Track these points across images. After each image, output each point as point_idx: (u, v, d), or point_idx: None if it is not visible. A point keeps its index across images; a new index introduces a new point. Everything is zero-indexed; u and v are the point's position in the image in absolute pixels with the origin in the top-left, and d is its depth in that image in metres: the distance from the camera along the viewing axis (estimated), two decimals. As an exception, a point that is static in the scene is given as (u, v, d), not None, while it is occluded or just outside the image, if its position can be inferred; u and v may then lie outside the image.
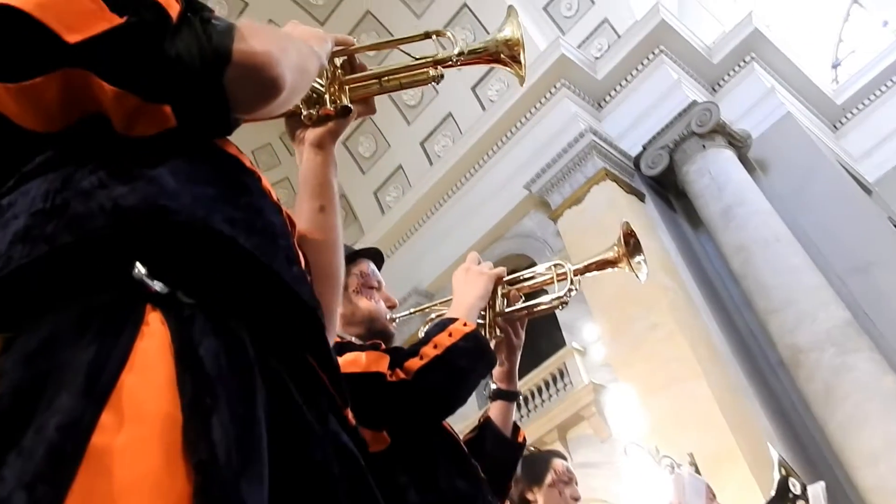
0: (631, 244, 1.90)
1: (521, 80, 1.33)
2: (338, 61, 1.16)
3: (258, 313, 0.74)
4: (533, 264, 10.32)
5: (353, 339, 1.63)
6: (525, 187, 10.97)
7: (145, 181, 0.73)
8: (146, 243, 0.68)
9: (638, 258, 1.89)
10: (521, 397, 1.82)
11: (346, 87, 1.16)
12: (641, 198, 10.29)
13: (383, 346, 1.57)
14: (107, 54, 0.74)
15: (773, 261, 8.82)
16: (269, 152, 13.84)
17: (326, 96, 1.13)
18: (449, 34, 1.24)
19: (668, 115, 10.16)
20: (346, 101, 1.13)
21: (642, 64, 10.66)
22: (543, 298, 1.85)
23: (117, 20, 0.75)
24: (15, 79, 0.74)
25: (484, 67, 12.10)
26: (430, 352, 1.48)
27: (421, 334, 1.74)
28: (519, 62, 1.30)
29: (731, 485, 7.37)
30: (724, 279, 9.79)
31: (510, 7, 1.38)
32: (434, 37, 1.26)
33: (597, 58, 11.04)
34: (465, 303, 1.68)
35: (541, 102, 11.17)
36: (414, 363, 1.45)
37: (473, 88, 12.21)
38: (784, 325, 8.60)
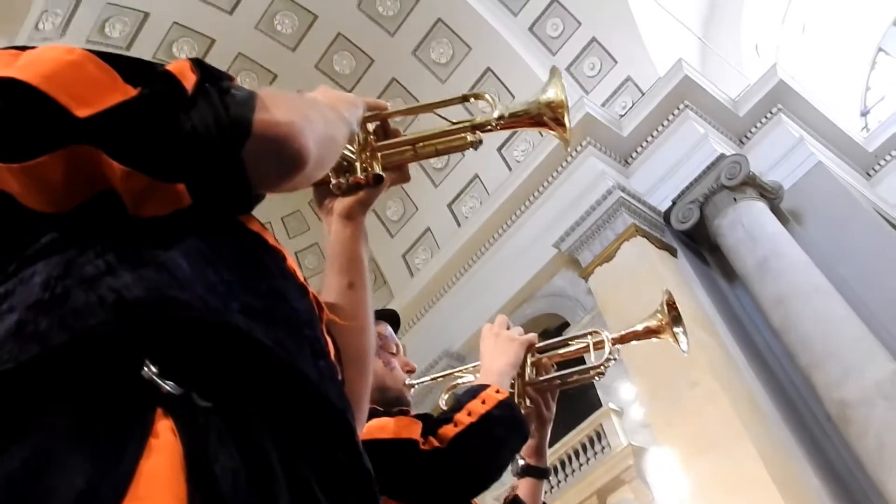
0: (673, 313, 1.80)
1: (566, 143, 1.25)
2: (370, 127, 1.10)
3: (282, 415, 0.66)
4: (565, 324, 10.21)
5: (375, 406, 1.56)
6: (554, 246, 10.89)
7: (154, 267, 0.66)
8: (154, 340, 0.61)
9: (679, 329, 1.78)
10: (557, 462, 1.69)
11: (379, 154, 1.09)
12: (673, 253, 10.15)
13: (411, 411, 1.49)
14: (115, 130, 0.68)
15: (814, 312, 8.56)
16: (298, 218, 13.97)
17: (357, 164, 1.07)
18: (488, 96, 1.19)
19: (696, 169, 10.09)
20: (378, 169, 1.07)
21: (668, 119, 10.66)
22: (578, 368, 1.75)
23: (131, 91, 0.70)
24: (18, 158, 0.68)
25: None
26: (464, 419, 1.39)
27: (442, 401, 1.65)
28: (563, 125, 1.22)
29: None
30: (763, 333, 9.52)
31: (554, 68, 1.31)
32: (472, 100, 1.20)
33: (621, 115, 11.08)
34: (495, 370, 1.59)
35: (567, 161, 11.19)
36: (448, 430, 1.37)
37: (499, 150, 12.29)
38: (829, 378, 8.29)
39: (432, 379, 1.87)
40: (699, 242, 10.35)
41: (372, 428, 1.36)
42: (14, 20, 8.46)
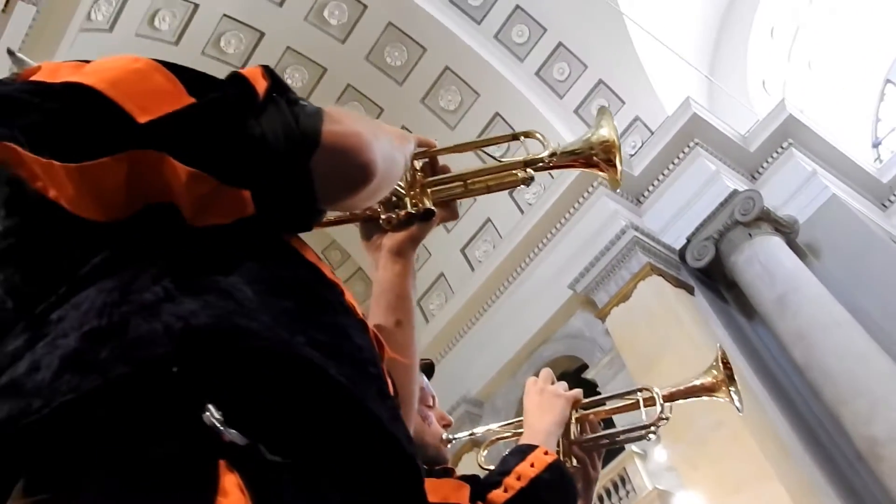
0: (728, 371, 1.73)
1: (616, 184, 1.22)
2: (417, 164, 1.10)
3: (352, 463, 0.62)
4: (584, 366, 10.11)
5: None
6: (569, 287, 10.83)
7: (218, 293, 0.62)
8: (219, 375, 0.57)
9: (734, 387, 1.71)
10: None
11: (429, 190, 1.08)
12: (690, 290, 10.06)
13: (455, 471, 1.44)
14: (183, 132, 0.66)
15: (837, 347, 8.42)
16: (337, 248, 13.92)
17: (407, 199, 1.06)
18: (538, 135, 1.17)
19: (709, 206, 10.06)
20: (429, 205, 1.06)
21: (678, 157, 10.68)
22: (628, 427, 1.67)
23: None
24: (77, 158, 0.66)
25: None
26: (514, 484, 1.33)
27: (481, 458, 1.59)
28: (614, 166, 1.19)
29: None
30: (786, 370, 9.36)
31: (602, 107, 1.30)
32: (522, 138, 1.18)
33: (632, 155, 11.11)
34: (542, 429, 1.52)
35: (579, 202, 11.20)
36: (498, 496, 1.31)
37: (510, 193, 12.33)
38: (857, 415, 8.10)
39: (470, 434, 1.80)
40: (716, 279, 10.26)
41: None
42: (66, 14, 8.57)
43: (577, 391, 1.64)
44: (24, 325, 0.64)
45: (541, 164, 1.14)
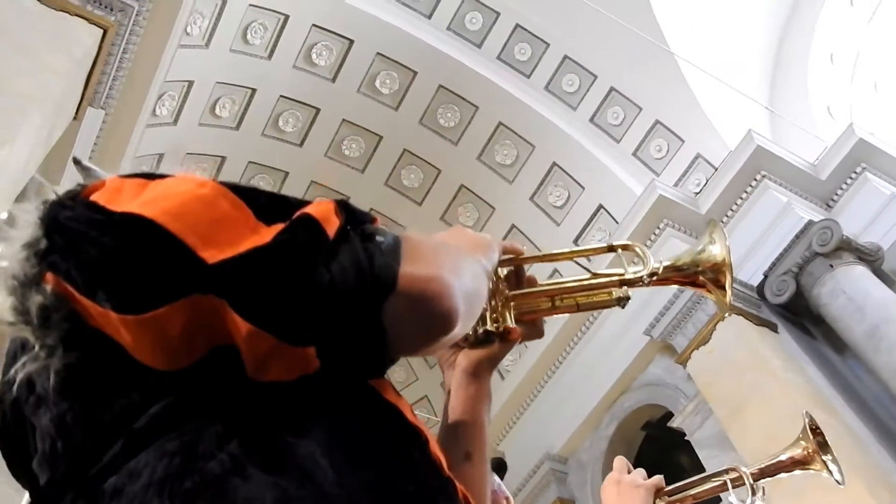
0: (819, 438, 1.61)
1: (725, 308, 1.14)
2: (502, 272, 1.02)
3: None
4: (668, 414, 9.76)
5: None
6: (645, 333, 10.54)
7: (293, 474, 0.56)
8: None
9: (828, 456, 1.59)
10: None
11: (512, 304, 1.00)
12: (774, 328, 9.65)
13: None
14: (245, 282, 0.61)
15: (942, 379, 7.90)
16: (404, 366, 13.96)
17: (487, 314, 0.97)
18: (638, 249, 1.08)
19: (784, 239, 9.71)
20: (510, 321, 0.97)
21: (746, 192, 10.40)
22: None
23: (264, 231, 0.63)
24: (135, 310, 0.61)
25: (584, 217, 12.26)
26: None
27: None
28: (723, 288, 1.09)
29: None
30: (886, 406, 8.81)
31: (712, 220, 1.18)
32: (619, 251, 1.09)
33: (696, 193, 10.88)
34: None
35: (647, 246, 10.96)
36: None
37: (576, 241, 12.21)
38: (973, 450, 7.54)
39: None
40: (800, 315, 9.82)
41: None
42: (133, 113, 9.00)
43: (658, 478, 1.56)
44: (73, 496, 0.60)
45: (640, 284, 1.04)
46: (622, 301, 1.05)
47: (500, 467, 1.70)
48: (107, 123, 8.60)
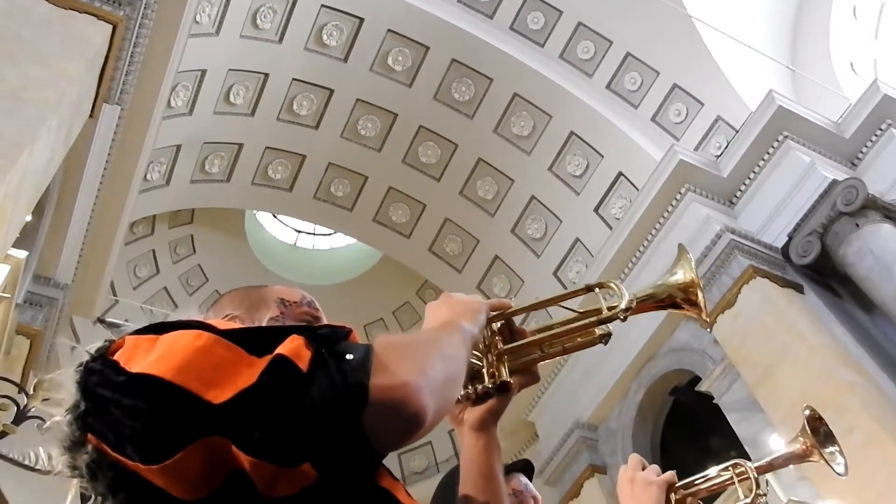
0: (821, 432, 1.65)
1: (705, 323, 1.23)
2: (495, 326, 1.10)
3: None
4: (696, 379, 9.76)
5: None
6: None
7: None
8: None
9: (832, 448, 1.62)
10: None
11: (505, 357, 1.08)
12: (799, 289, 9.58)
13: None
14: (240, 421, 0.72)
15: (973, 335, 7.81)
16: (430, 287, 14.16)
17: (484, 370, 1.06)
18: (612, 285, 1.15)
19: (808, 200, 9.58)
20: (505, 375, 1.05)
21: (768, 153, 10.24)
22: None
23: (258, 363, 0.74)
24: (157, 460, 0.73)
25: (604, 186, 12.17)
26: None
27: None
28: (697, 305, 1.19)
29: None
30: (918, 364, 8.75)
31: (680, 246, 1.29)
32: (597, 290, 1.18)
33: (717, 156, 10.75)
34: None
35: (668, 211, 10.89)
36: None
37: (596, 210, 12.15)
38: None
39: None
40: (826, 275, 9.73)
41: None
42: (124, 181, 9.17)
43: (670, 474, 1.60)
44: None
45: (617, 319, 1.11)
46: (605, 338, 1.13)
47: (526, 468, 1.76)
48: (123, 119, 8.67)
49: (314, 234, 16.67)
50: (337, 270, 16.37)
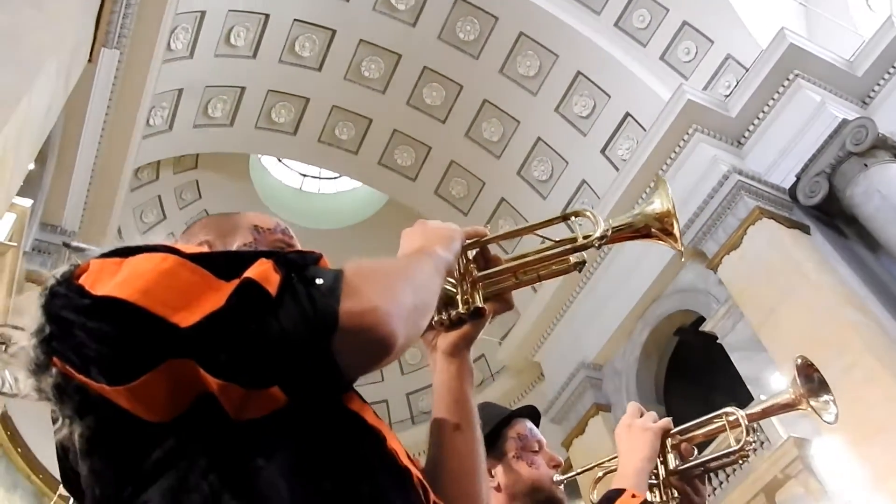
0: (815, 379, 1.67)
1: (680, 253, 1.23)
2: (470, 254, 1.09)
3: None
4: (700, 319, 9.83)
5: None
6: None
7: (255, 497, 0.68)
8: None
9: (825, 397, 1.64)
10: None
11: (479, 285, 1.08)
12: (806, 230, 9.57)
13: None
14: (208, 344, 0.71)
15: (977, 275, 7.82)
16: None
17: (458, 297, 1.06)
18: (589, 213, 1.13)
19: (817, 140, 9.48)
20: (479, 301, 1.05)
21: (778, 92, 10.09)
22: (719, 454, 1.67)
23: (224, 287, 0.73)
24: (122, 381, 0.73)
25: (611, 126, 12.04)
26: None
27: (593, 496, 1.60)
28: (673, 235, 1.17)
29: None
30: (920, 304, 8.79)
31: (659, 177, 1.27)
32: (573, 218, 1.15)
33: (726, 96, 10.59)
34: (631, 468, 1.55)
35: (675, 152, 10.80)
36: None
37: (603, 151, 12.05)
38: None
39: (579, 473, 1.82)
40: (833, 216, 9.70)
41: None
42: (127, 126, 9.12)
43: (666, 421, 1.64)
44: None
45: (591, 247, 1.10)
46: (578, 266, 1.12)
47: (532, 414, 1.80)
48: (122, 63, 8.56)
49: (319, 177, 16.62)
50: (343, 214, 16.38)
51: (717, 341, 10.31)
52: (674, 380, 11.98)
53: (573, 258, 1.11)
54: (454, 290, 1.06)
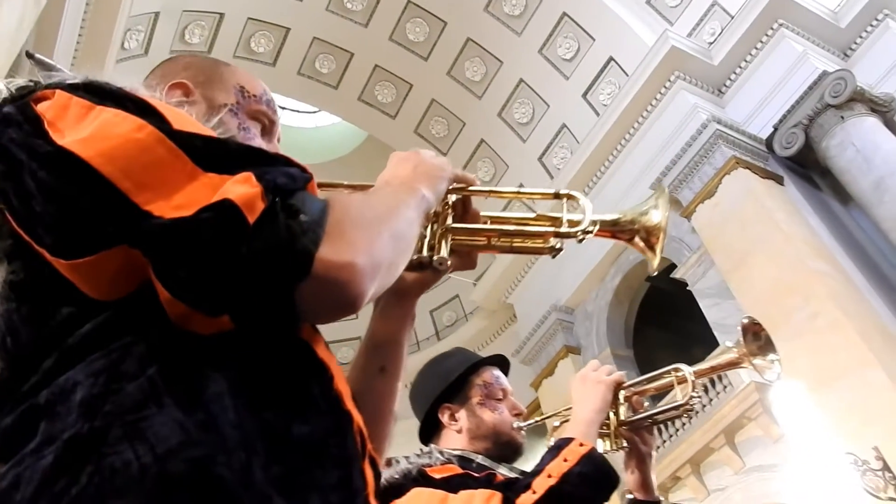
0: (762, 338, 1.71)
1: (653, 269, 1.14)
2: (451, 199, 1.02)
3: None
4: (672, 266, 9.95)
5: (479, 459, 1.61)
6: (651, 188, 10.58)
7: (201, 412, 0.61)
8: None
9: (770, 356, 1.69)
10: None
11: (450, 235, 1.00)
12: (780, 181, 9.69)
13: (499, 476, 1.51)
14: (166, 253, 0.64)
15: (942, 230, 8.02)
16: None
17: (426, 240, 0.99)
18: (581, 201, 1.06)
19: (797, 91, 9.52)
20: (444, 252, 0.98)
21: (761, 42, 10.08)
22: (665, 407, 1.74)
23: (201, 177, 0.67)
24: (69, 256, 0.66)
25: (594, 71, 11.96)
26: (543, 484, 1.40)
27: (550, 443, 1.67)
28: (654, 250, 1.11)
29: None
30: (887, 256, 9.01)
31: (660, 185, 1.22)
32: (564, 199, 1.08)
33: (710, 43, 10.56)
34: (582, 418, 1.60)
35: (656, 99, 10.81)
36: (527, 499, 1.38)
37: (584, 95, 12.01)
38: (965, 298, 7.78)
39: (538, 422, 1.89)
40: (807, 167, 9.82)
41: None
42: (101, 48, 8.87)
43: (619, 374, 1.69)
44: (11, 406, 0.66)
45: (574, 238, 1.04)
46: (553, 252, 1.06)
47: (501, 363, 1.86)
48: (92, -2, 8.29)
49: (298, 111, 16.39)
50: (320, 149, 16.22)
51: (688, 288, 10.50)
52: (644, 325, 12.22)
53: (553, 241, 1.05)
54: (423, 232, 0.99)
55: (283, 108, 16.37)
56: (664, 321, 12.59)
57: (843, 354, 7.86)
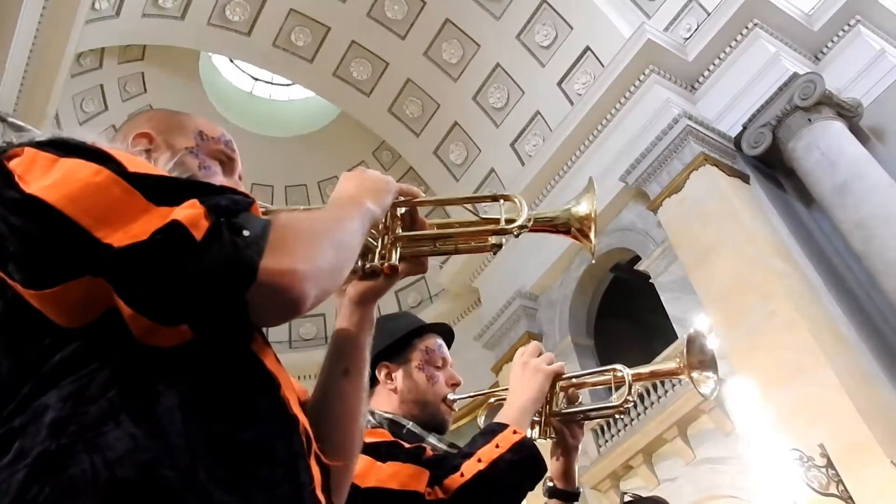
0: (707, 353, 1.72)
1: (592, 254, 1.28)
2: (398, 211, 1.11)
3: None
4: (636, 258, 10.04)
5: (409, 425, 1.61)
6: (621, 179, 10.69)
7: (152, 423, 0.69)
8: None
9: (708, 373, 1.70)
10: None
11: (399, 244, 1.10)
12: (746, 179, 9.82)
13: (429, 451, 1.51)
14: (126, 273, 0.72)
15: (899, 236, 8.18)
16: (387, 148, 14.15)
17: (377, 251, 1.08)
18: (517, 199, 1.17)
19: (767, 91, 9.63)
20: (395, 259, 1.08)
21: (736, 40, 10.16)
22: (599, 405, 1.75)
23: (154, 210, 0.75)
24: (38, 286, 0.74)
25: (570, 59, 11.97)
26: (472, 468, 1.41)
27: (481, 421, 1.66)
28: (588, 238, 1.24)
29: (869, 476, 6.93)
30: (845, 259, 9.18)
31: (590, 179, 1.31)
32: (502, 201, 1.19)
33: (686, 39, 10.62)
34: (517, 405, 1.59)
35: (630, 91, 10.86)
36: (454, 481, 1.39)
37: (560, 84, 12.02)
38: (917, 304, 7.97)
39: (472, 397, 1.86)
40: (773, 167, 9.96)
41: (386, 475, 1.40)
42: (71, 7, 8.66)
43: (559, 365, 1.69)
44: None
45: (511, 234, 1.14)
46: (495, 248, 1.15)
47: (446, 333, 1.86)
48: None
49: (272, 83, 16.18)
50: (293, 123, 16.04)
51: (650, 280, 10.62)
52: (606, 314, 12.35)
53: (492, 239, 1.14)
54: (374, 243, 1.08)
55: (257, 80, 16.15)
56: (627, 312, 12.74)
57: (797, 354, 8.01)
